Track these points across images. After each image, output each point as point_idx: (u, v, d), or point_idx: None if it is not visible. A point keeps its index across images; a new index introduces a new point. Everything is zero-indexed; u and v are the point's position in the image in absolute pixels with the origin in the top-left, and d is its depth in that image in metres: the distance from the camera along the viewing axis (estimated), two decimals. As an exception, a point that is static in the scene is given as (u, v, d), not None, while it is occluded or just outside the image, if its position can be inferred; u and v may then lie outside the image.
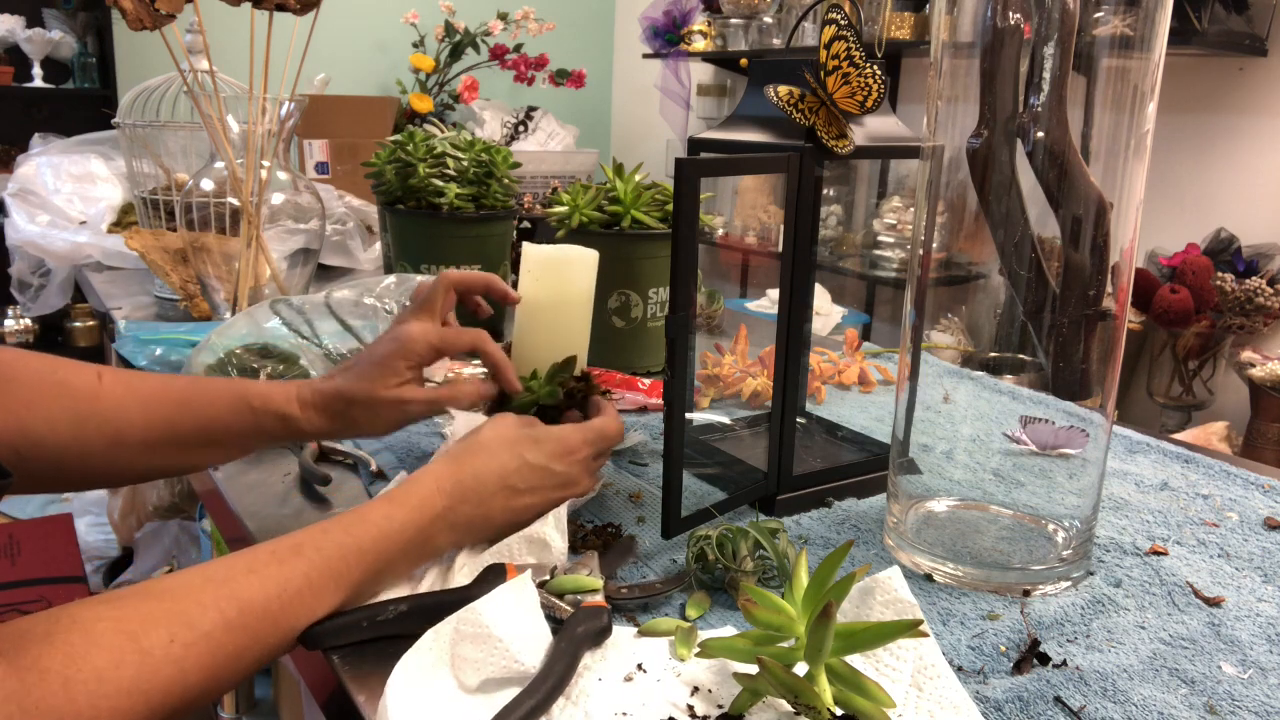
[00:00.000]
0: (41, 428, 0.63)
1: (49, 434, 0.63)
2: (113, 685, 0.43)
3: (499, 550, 0.63)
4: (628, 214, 1.09)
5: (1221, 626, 0.61)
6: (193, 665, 0.46)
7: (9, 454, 0.62)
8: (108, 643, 0.44)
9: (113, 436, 0.66)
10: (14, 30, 3.14)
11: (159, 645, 0.45)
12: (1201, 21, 2.09)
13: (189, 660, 0.46)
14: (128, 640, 0.45)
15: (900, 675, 0.52)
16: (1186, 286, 2.15)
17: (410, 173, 1.22)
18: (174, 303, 1.41)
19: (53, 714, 0.41)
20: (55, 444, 0.64)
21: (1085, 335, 0.65)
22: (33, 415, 0.63)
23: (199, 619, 0.48)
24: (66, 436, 0.64)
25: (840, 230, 3.06)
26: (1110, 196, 0.63)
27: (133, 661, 0.44)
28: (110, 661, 0.44)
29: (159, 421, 0.67)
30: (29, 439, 0.62)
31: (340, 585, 0.55)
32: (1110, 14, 0.60)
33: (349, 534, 0.56)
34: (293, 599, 0.52)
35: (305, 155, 2.29)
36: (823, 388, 1.09)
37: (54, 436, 0.64)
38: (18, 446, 0.63)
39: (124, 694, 0.43)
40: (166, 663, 0.45)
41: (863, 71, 0.70)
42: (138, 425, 0.66)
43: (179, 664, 0.46)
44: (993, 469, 0.71)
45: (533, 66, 3.44)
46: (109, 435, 0.66)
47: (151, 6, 1.00)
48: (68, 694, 0.42)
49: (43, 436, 0.63)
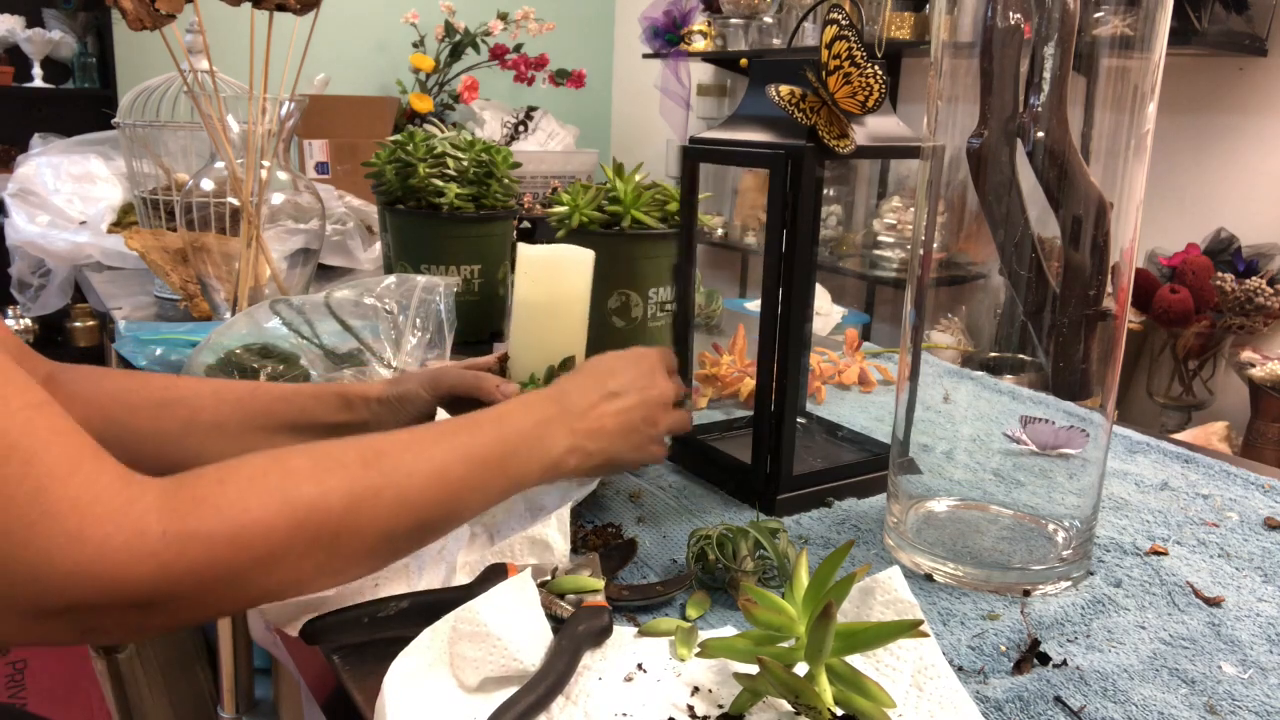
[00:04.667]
0: (123, 415, 0.69)
1: (129, 419, 0.69)
2: (260, 485, 0.48)
3: (500, 550, 0.63)
4: (628, 214, 1.08)
5: (1221, 626, 0.61)
6: (334, 487, 0.51)
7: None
8: (256, 461, 0.50)
9: (186, 419, 0.71)
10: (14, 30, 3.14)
11: (302, 467, 0.51)
12: (1201, 21, 2.09)
13: (329, 482, 0.51)
14: (272, 461, 0.51)
15: (900, 675, 0.52)
16: (1186, 286, 2.15)
17: (410, 173, 1.22)
18: (174, 303, 1.41)
19: (205, 501, 0.46)
20: (134, 429, 0.69)
21: (1085, 335, 0.65)
22: (117, 405, 0.70)
23: (340, 453, 0.53)
24: (145, 420, 0.70)
25: (840, 230, 3.06)
26: (1110, 196, 0.63)
27: (277, 471, 0.50)
28: (258, 469, 0.50)
29: (230, 401, 0.73)
30: (112, 426, 0.68)
31: (472, 462, 0.58)
32: (1110, 14, 0.60)
33: (472, 428, 0.60)
34: (425, 447, 0.56)
35: (305, 155, 2.29)
36: (823, 388, 1.09)
37: (133, 421, 0.70)
38: (100, 433, 0.68)
39: (270, 493, 0.48)
40: (308, 480, 0.50)
41: (864, 71, 0.70)
42: (209, 407, 0.72)
43: (319, 483, 0.50)
44: (993, 469, 0.71)
45: (533, 66, 3.43)
46: (182, 418, 0.71)
47: (151, 6, 1.00)
48: (221, 486, 0.48)
49: (124, 422, 0.69)
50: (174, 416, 0.71)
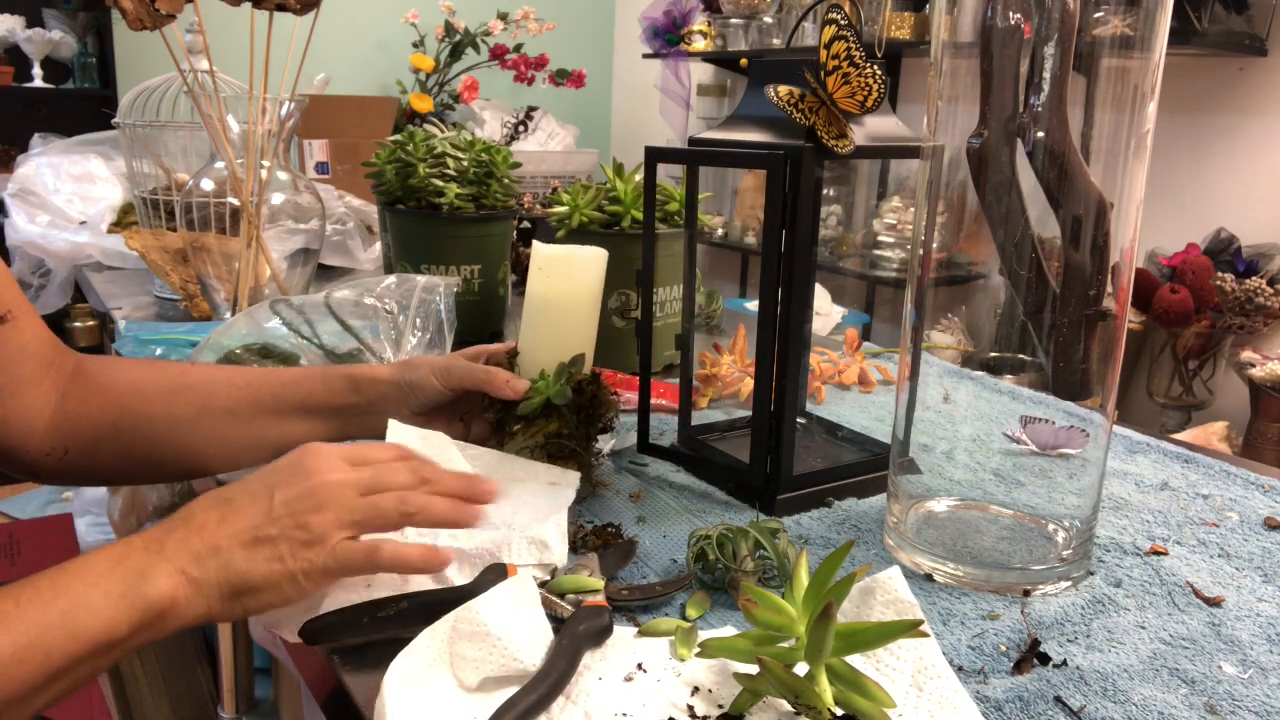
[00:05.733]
0: (138, 403, 0.71)
1: (143, 407, 0.71)
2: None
3: (498, 553, 0.63)
4: (628, 214, 1.09)
5: (1221, 626, 0.61)
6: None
7: (108, 429, 0.71)
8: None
9: (199, 405, 0.72)
10: (14, 30, 3.14)
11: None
12: (1201, 21, 2.09)
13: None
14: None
15: (900, 675, 0.52)
16: (1186, 286, 2.15)
17: (410, 173, 1.22)
18: (174, 303, 1.41)
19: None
20: (149, 416, 0.71)
21: (1085, 335, 0.65)
22: (131, 394, 0.71)
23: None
24: (159, 407, 0.72)
25: (840, 230, 3.06)
26: (1110, 196, 0.63)
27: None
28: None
29: (241, 386, 0.74)
30: (127, 415, 0.71)
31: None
32: (1110, 14, 0.60)
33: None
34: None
35: (305, 155, 2.29)
36: (823, 388, 1.09)
37: (148, 409, 0.71)
38: (116, 421, 0.71)
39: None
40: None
41: (863, 71, 0.70)
42: (221, 392, 0.73)
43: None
44: (993, 469, 0.71)
45: (533, 66, 3.43)
46: (195, 404, 0.72)
47: (151, 6, 1.00)
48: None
49: (139, 410, 0.71)
50: (187, 403, 0.72)
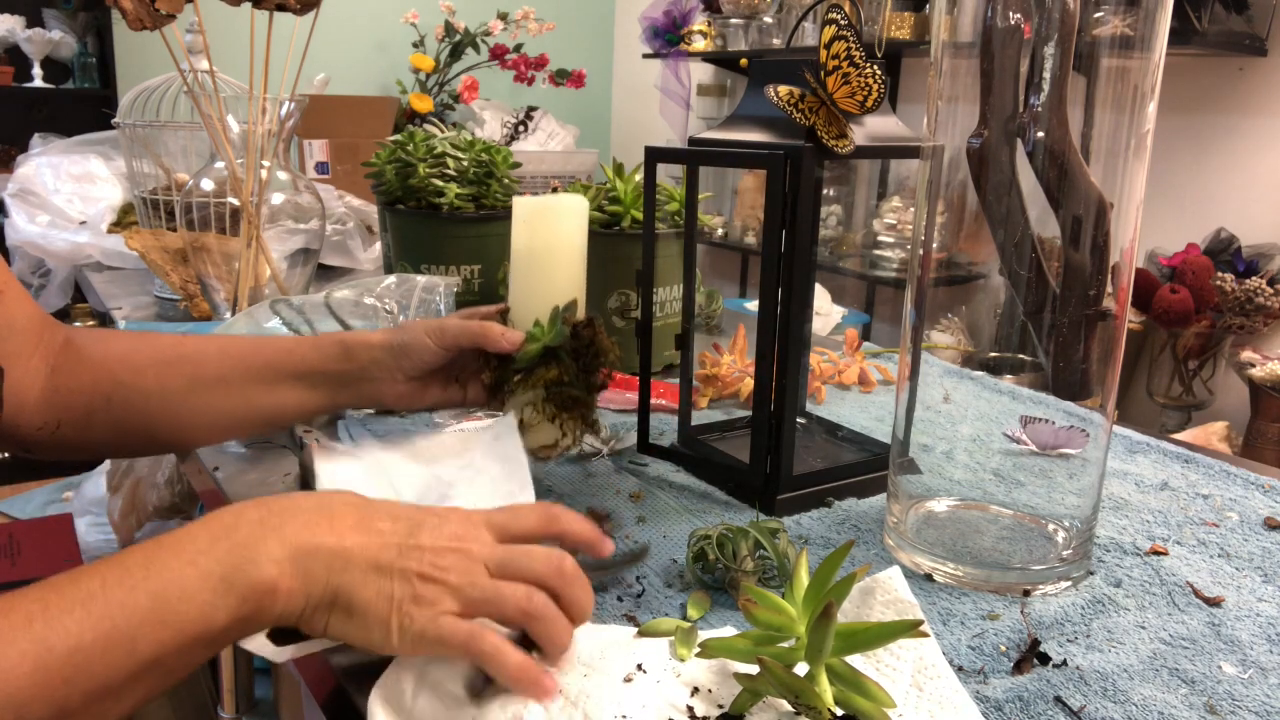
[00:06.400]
0: (129, 375, 0.71)
1: (135, 380, 0.71)
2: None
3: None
4: (628, 214, 1.09)
5: (1221, 626, 0.61)
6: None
7: (100, 402, 0.71)
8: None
9: (191, 375, 0.73)
10: (14, 30, 3.14)
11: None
12: (1201, 21, 2.09)
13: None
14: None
15: (901, 675, 0.52)
16: (1186, 286, 2.15)
17: (410, 173, 1.22)
18: (174, 303, 1.41)
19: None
20: (141, 389, 0.71)
21: (1085, 335, 0.65)
22: (123, 366, 0.71)
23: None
24: (151, 379, 0.72)
25: (840, 230, 3.06)
26: (1110, 196, 0.63)
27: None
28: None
29: (234, 356, 0.74)
30: (120, 388, 0.71)
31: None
32: (1110, 14, 0.60)
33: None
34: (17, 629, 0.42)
35: (305, 155, 2.29)
36: (823, 388, 1.09)
37: (140, 381, 0.71)
38: (109, 394, 0.71)
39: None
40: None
41: (863, 71, 0.70)
42: (212, 362, 0.73)
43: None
44: (993, 469, 0.71)
45: (533, 66, 3.43)
46: (187, 374, 0.72)
47: (151, 6, 1.00)
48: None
49: (131, 383, 0.71)
50: (179, 374, 0.72)
